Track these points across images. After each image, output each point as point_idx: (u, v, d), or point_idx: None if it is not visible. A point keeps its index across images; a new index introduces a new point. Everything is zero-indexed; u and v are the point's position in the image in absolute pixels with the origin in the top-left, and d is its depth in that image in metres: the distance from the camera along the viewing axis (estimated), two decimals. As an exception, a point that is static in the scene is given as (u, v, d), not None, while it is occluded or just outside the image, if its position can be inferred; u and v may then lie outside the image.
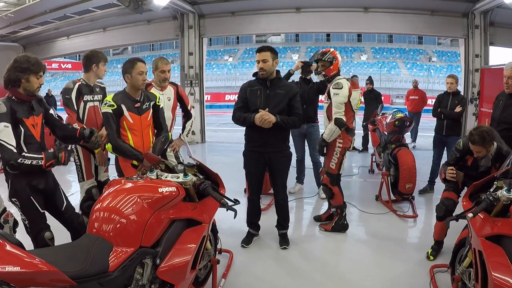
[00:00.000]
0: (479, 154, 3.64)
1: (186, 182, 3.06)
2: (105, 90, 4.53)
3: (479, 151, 3.60)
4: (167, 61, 4.71)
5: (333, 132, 4.65)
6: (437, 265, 3.99)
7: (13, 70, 3.07)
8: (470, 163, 3.94)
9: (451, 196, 4.04)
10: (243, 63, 48.00)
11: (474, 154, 3.69)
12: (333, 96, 4.63)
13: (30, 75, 3.08)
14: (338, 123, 4.60)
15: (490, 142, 3.54)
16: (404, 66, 45.52)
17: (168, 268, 2.69)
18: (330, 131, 4.68)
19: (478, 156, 3.67)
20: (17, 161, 2.98)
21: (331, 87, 4.69)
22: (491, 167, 3.77)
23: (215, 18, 12.41)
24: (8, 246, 2.00)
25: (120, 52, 52.14)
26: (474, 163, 3.89)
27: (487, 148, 3.56)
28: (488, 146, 3.55)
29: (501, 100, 4.42)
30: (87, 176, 4.48)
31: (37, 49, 15.28)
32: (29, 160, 3.03)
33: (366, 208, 5.83)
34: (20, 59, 3.09)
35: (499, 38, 10.96)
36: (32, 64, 3.09)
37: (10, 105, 3.05)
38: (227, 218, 3.35)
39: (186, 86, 12.21)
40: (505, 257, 2.53)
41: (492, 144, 3.58)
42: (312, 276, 3.95)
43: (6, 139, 2.97)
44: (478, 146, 3.55)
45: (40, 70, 3.13)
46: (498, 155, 3.64)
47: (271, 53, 4.22)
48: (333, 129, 4.64)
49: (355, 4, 11.30)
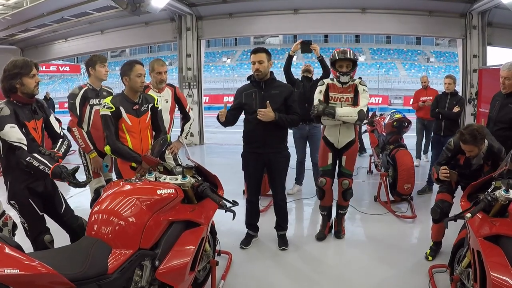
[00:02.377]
0: (471, 153, 3.66)
1: (185, 184, 3.06)
2: (112, 94, 4.55)
3: (471, 150, 3.62)
4: (163, 63, 4.73)
5: (349, 118, 4.36)
6: (436, 266, 4.00)
7: (5, 80, 3.09)
8: (462, 161, 3.96)
9: (446, 198, 4.07)
10: (241, 65, 48.02)
11: (466, 153, 3.71)
12: (363, 92, 4.44)
13: (22, 78, 3.08)
14: (362, 116, 4.37)
15: (481, 141, 3.55)
16: (402, 66, 45.62)
17: (167, 270, 2.70)
18: (347, 114, 4.36)
19: (470, 155, 3.69)
20: (26, 160, 2.99)
21: (358, 83, 4.48)
22: (483, 164, 3.80)
23: (213, 20, 12.41)
24: (7, 249, 2.00)
25: (118, 54, 52.12)
26: (466, 161, 3.91)
27: (479, 146, 3.58)
28: (480, 144, 3.57)
29: (497, 100, 4.44)
30: (94, 175, 4.59)
31: (35, 52, 15.28)
32: (37, 162, 3.02)
33: (364, 209, 5.83)
34: (8, 67, 3.10)
35: (496, 38, 10.97)
36: (20, 67, 3.08)
37: (13, 108, 3.08)
38: (226, 219, 3.36)
39: (184, 88, 12.21)
40: (504, 257, 2.54)
41: (484, 142, 3.60)
42: (311, 277, 3.96)
43: (16, 138, 3.00)
44: (470, 145, 3.56)
45: (30, 70, 3.11)
46: (490, 153, 3.67)
47: (266, 54, 4.24)
48: (352, 116, 4.34)
49: (353, 5, 11.30)
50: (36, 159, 3.02)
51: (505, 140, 4.09)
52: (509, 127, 4.20)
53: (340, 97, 4.52)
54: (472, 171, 3.85)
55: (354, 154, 4.69)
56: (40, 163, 3.02)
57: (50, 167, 3.02)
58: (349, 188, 4.69)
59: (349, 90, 4.49)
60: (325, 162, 4.69)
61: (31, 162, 3.01)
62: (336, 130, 4.56)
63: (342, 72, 4.39)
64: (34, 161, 3.01)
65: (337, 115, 4.35)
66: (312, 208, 6.06)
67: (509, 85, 4.23)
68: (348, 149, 4.61)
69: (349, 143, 4.59)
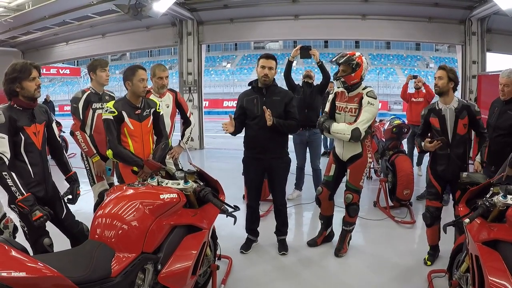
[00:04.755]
0: (439, 82, 4.02)
1: (187, 188, 3.10)
2: (114, 99, 4.58)
3: (440, 76, 4.01)
4: (164, 68, 4.75)
5: (342, 135, 4.19)
6: (434, 271, 4.02)
7: (6, 84, 3.08)
8: (438, 124, 4.15)
9: (433, 204, 4.22)
10: (241, 70, 48.03)
11: (435, 80, 4.07)
12: (367, 104, 4.16)
13: (22, 82, 3.07)
14: (355, 135, 4.11)
15: (451, 71, 4.03)
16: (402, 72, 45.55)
17: (169, 274, 2.72)
18: (340, 132, 4.19)
19: (438, 83, 4.02)
20: (2, 173, 2.94)
21: (365, 94, 4.21)
22: (457, 120, 4.06)
23: (214, 25, 12.45)
24: (13, 252, 2.03)
25: (118, 58, 52.18)
26: (441, 123, 4.12)
27: (448, 75, 4.00)
28: (449, 73, 4.01)
29: (496, 107, 4.47)
30: (97, 179, 4.62)
31: (36, 54, 15.30)
32: (11, 182, 2.95)
33: (364, 214, 5.84)
34: (8, 71, 3.09)
35: (496, 44, 11.00)
36: (19, 71, 3.07)
37: (10, 115, 3.05)
38: (226, 224, 3.38)
39: (184, 93, 12.23)
40: (502, 262, 2.56)
41: (454, 80, 4.04)
42: (311, 282, 3.98)
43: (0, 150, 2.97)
44: (441, 69, 4.01)
45: (29, 74, 3.08)
46: (463, 106, 4.07)
47: (276, 62, 4.32)
48: (345, 135, 4.16)
49: (353, 11, 11.34)
50: (11, 178, 2.96)
51: (504, 146, 4.13)
52: (508, 133, 4.22)
53: (344, 107, 4.35)
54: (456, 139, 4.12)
55: (359, 168, 4.40)
56: (14, 185, 2.96)
57: (22, 194, 2.96)
58: (353, 203, 4.47)
59: (354, 100, 4.27)
60: (328, 172, 4.60)
61: (6, 178, 2.94)
62: (341, 142, 4.41)
63: (336, 76, 4.29)
64: (9, 179, 2.95)
65: (331, 131, 4.26)
66: (312, 214, 6.08)
67: (508, 92, 4.26)
68: (353, 162, 4.39)
69: (354, 156, 4.37)
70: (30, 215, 2.97)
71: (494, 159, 4.28)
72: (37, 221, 2.97)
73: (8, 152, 3.01)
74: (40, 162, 3.27)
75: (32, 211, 2.97)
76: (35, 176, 3.22)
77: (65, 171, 3.63)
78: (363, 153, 4.37)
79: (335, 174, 4.58)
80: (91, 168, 4.59)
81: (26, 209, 2.96)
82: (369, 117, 4.16)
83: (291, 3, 11.28)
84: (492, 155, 4.35)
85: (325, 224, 4.83)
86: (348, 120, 4.29)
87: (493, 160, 4.31)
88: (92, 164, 4.56)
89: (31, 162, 3.20)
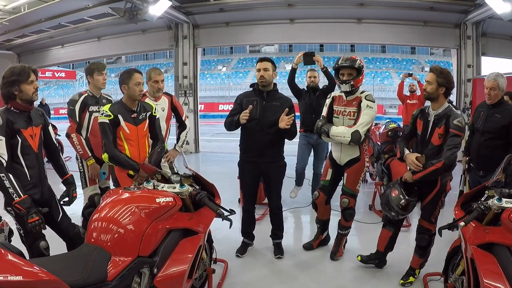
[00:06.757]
0: (428, 87, 3.68)
1: (183, 192, 3.10)
2: (112, 102, 4.58)
3: (430, 81, 3.65)
4: (160, 71, 4.77)
5: (342, 138, 4.18)
6: (430, 273, 4.03)
7: (4, 87, 3.09)
8: (420, 128, 3.87)
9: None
10: (237, 73, 48.18)
11: (424, 85, 3.74)
12: (366, 108, 4.17)
13: (20, 85, 3.07)
14: (355, 138, 4.12)
15: (442, 75, 3.61)
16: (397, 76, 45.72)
17: (165, 278, 2.72)
18: (340, 134, 4.18)
19: (427, 88, 3.69)
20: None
21: (363, 97, 4.23)
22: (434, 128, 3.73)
23: (210, 28, 12.51)
24: (10, 256, 2.02)
25: (113, 61, 52.21)
26: (423, 128, 3.84)
27: (438, 80, 3.61)
28: (440, 79, 3.60)
29: (482, 111, 4.45)
30: (90, 182, 4.59)
31: (31, 57, 15.30)
32: (9, 183, 2.97)
33: (359, 218, 5.83)
34: (6, 75, 3.10)
35: (491, 48, 11.12)
36: (17, 74, 3.07)
37: (7, 117, 3.06)
38: (222, 227, 3.39)
39: (180, 96, 12.26)
40: (497, 265, 2.58)
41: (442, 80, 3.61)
42: (307, 285, 3.98)
43: None
44: (432, 73, 3.66)
45: (28, 77, 3.10)
46: (444, 114, 3.66)
47: (271, 64, 4.31)
48: (345, 137, 4.15)
49: (348, 15, 11.41)
50: (9, 180, 2.97)
51: (493, 149, 4.15)
52: (498, 137, 4.23)
53: (342, 111, 4.34)
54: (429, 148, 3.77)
55: (357, 172, 4.39)
56: (12, 186, 2.97)
57: (20, 196, 2.98)
58: (349, 207, 4.46)
59: (353, 104, 4.27)
60: (325, 176, 4.59)
61: (3, 180, 2.96)
62: (339, 146, 4.38)
63: (341, 80, 4.23)
64: (7, 181, 2.97)
65: (330, 134, 4.23)
66: (308, 217, 6.09)
67: (494, 95, 4.26)
68: (350, 166, 4.36)
69: (352, 160, 4.35)
70: (26, 217, 2.98)
71: (483, 164, 4.29)
72: (31, 224, 2.98)
73: (6, 154, 3.02)
74: (36, 164, 3.26)
75: (29, 213, 2.98)
76: (32, 178, 3.22)
77: (62, 174, 3.62)
78: (361, 157, 4.36)
79: (331, 179, 4.56)
80: (84, 170, 4.56)
81: (23, 211, 2.97)
82: (369, 120, 4.17)
83: (286, 7, 11.36)
84: (481, 160, 4.36)
85: (322, 228, 4.83)
86: (347, 124, 4.29)
87: (482, 164, 4.32)
88: (86, 167, 4.55)
89: (27, 164, 3.20)
